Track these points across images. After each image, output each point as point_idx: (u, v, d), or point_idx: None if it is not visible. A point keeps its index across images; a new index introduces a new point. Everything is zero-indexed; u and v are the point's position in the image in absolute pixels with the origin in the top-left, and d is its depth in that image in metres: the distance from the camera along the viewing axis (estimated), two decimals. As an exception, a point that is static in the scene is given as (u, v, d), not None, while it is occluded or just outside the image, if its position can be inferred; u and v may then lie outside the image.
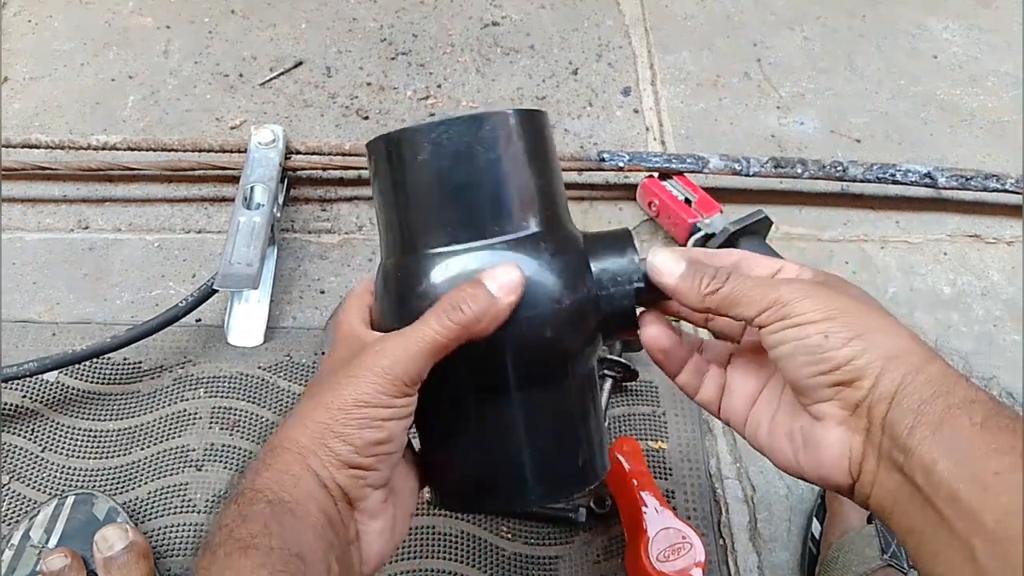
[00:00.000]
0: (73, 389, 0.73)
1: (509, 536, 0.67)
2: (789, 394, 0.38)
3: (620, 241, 0.40)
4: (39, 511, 0.64)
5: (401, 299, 0.38)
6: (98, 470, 0.69)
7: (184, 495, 0.68)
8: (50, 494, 0.67)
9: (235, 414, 0.73)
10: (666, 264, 0.39)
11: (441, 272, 0.37)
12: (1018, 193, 0.90)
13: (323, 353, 0.75)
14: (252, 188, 0.79)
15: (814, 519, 0.68)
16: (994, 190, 0.90)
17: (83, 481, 0.68)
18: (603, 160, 0.87)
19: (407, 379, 0.35)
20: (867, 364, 0.34)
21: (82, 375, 0.74)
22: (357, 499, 0.36)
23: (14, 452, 0.70)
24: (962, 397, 0.32)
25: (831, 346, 0.34)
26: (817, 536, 0.67)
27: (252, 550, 0.31)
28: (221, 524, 0.33)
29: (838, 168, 0.88)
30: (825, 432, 0.35)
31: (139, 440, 0.71)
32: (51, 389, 0.73)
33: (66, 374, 0.74)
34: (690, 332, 0.44)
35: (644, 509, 0.62)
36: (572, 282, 0.38)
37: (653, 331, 0.41)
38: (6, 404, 0.72)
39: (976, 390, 0.33)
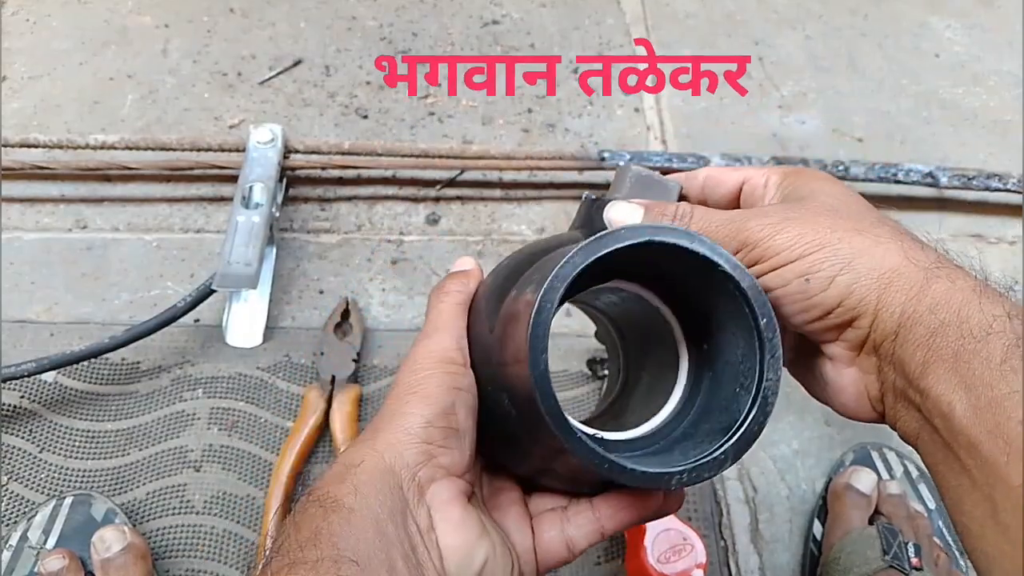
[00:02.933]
0: (71, 389, 0.73)
1: (509, 537, 0.67)
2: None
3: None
4: (37, 512, 0.64)
5: None
6: (96, 471, 0.69)
7: (182, 496, 0.68)
8: (48, 495, 0.67)
9: (234, 415, 0.72)
10: (623, 215, 0.35)
11: None
12: (1020, 193, 0.90)
13: (321, 353, 0.75)
14: (251, 187, 0.79)
15: (815, 520, 0.68)
16: (996, 190, 0.90)
17: (81, 482, 0.68)
18: (604, 159, 0.87)
19: (457, 346, 0.35)
20: (860, 301, 0.30)
21: (80, 375, 0.74)
22: (427, 480, 0.32)
23: (12, 453, 0.69)
24: (977, 325, 0.28)
25: (815, 290, 0.31)
26: (818, 537, 0.67)
27: (298, 566, 0.29)
28: (277, 535, 0.31)
29: (840, 167, 0.88)
30: (838, 374, 0.33)
31: (137, 441, 0.70)
32: (49, 389, 0.73)
33: (64, 374, 0.73)
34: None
35: (645, 510, 0.61)
36: None
37: None
38: (4, 404, 0.71)
39: (993, 315, 0.28)
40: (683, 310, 0.36)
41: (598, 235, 0.30)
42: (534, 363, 0.29)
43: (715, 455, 0.30)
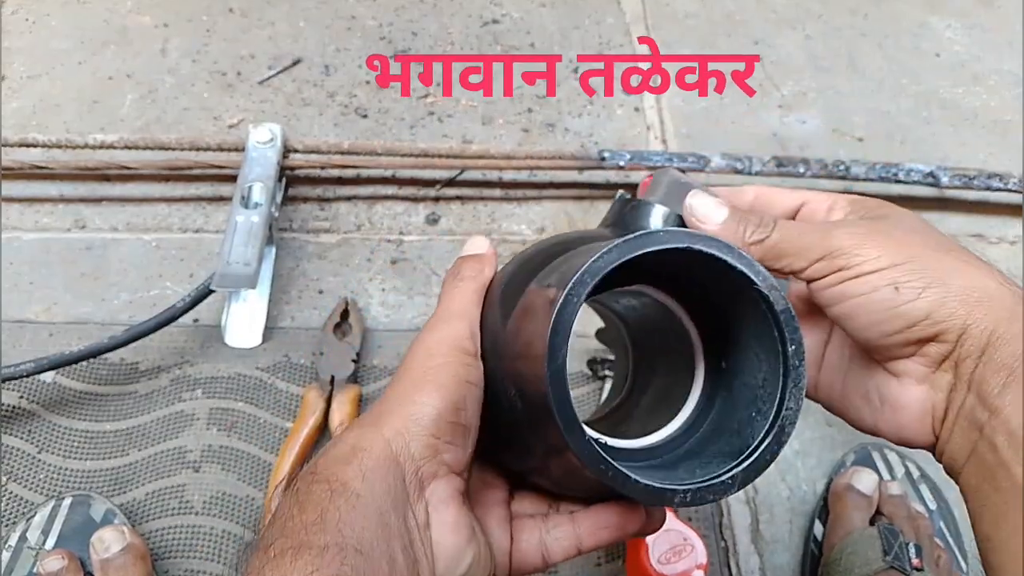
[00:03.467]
0: (70, 390, 0.73)
1: (509, 538, 0.67)
2: (857, 349, 0.34)
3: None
4: (36, 512, 0.63)
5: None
6: (95, 471, 0.69)
7: (181, 496, 0.68)
8: (47, 495, 0.67)
9: (233, 415, 0.72)
10: (707, 209, 0.34)
11: None
12: (1021, 193, 0.90)
13: (320, 353, 0.74)
14: (250, 187, 0.78)
15: (816, 520, 0.68)
16: (997, 189, 0.89)
17: (80, 482, 0.68)
18: (604, 159, 0.87)
19: (468, 336, 0.34)
20: (950, 315, 0.30)
21: (79, 375, 0.74)
22: (429, 476, 0.32)
23: (11, 453, 0.69)
24: None
25: (904, 299, 0.30)
26: (819, 537, 0.67)
27: (304, 550, 0.28)
28: (277, 514, 0.30)
29: (840, 167, 0.88)
30: (904, 391, 0.32)
31: (136, 441, 0.70)
32: (48, 390, 0.73)
33: (63, 374, 0.73)
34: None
35: (645, 511, 0.61)
36: None
37: None
38: (3, 405, 0.71)
39: None
40: (705, 323, 0.35)
41: (635, 234, 0.29)
42: (552, 360, 0.28)
43: (723, 479, 0.29)
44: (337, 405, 0.71)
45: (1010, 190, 0.89)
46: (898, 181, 0.89)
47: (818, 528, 0.67)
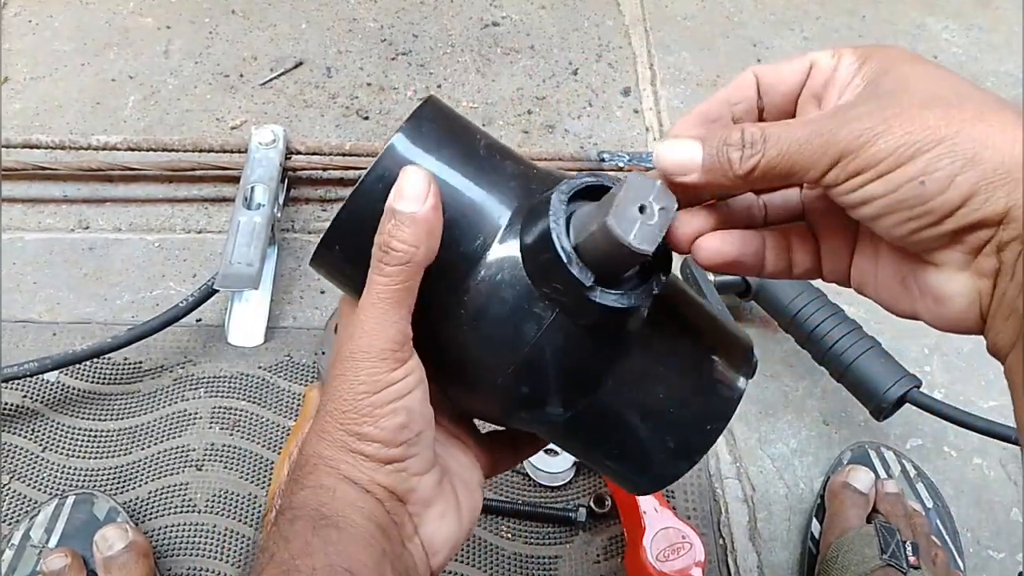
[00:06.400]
0: (73, 389, 0.73)
1: (509, 536, 0.67)
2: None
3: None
4: (39, 511, 0.64)
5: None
6: (98, 470, 0.69)
7: (184, 495, 0.68)
8: (50, 494, 0.67)
9: (235, 414, 0.73)
10: (679, 155, 0.29)
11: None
12: (1018, 193, 0.90)
13: (323, 352, 0.75)
14: (252, 188, 0.79)
15: (813, 519, 0.69)
16: (994, 190, 0.90)
17: (83, 481, 0.69)
18: (603, 160, 0.87)
19: (389, 349, 0.31)
20: (987, 200, 0.26)
21: (82, 375, 0.74)
22: (406, 492, 0.32)
23: (14, 452, 0.70)
24: None
25: (932, 193, 0.26)
26: (816, 536, 0.67)
27: (294, 573, 0.29)
28: (263, 548, 0.31)
29: (838, 168, 0.88)
30: (946, 281, 0.28)
31: (139, 440, 0.71)
32: (51, 389, 0.73)
33: (66, 374, 0.74)
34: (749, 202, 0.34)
35: (644, 509, 0.62)
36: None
37: (709, 251, 0.31)
38: (6, 404, 0.72)
39: None
40: None
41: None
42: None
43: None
44: (338, 404, 0.71)
45: (1007, 191, 0.90)
46: (895, 182, 0.89)
47: (815, 526, 0.68)
